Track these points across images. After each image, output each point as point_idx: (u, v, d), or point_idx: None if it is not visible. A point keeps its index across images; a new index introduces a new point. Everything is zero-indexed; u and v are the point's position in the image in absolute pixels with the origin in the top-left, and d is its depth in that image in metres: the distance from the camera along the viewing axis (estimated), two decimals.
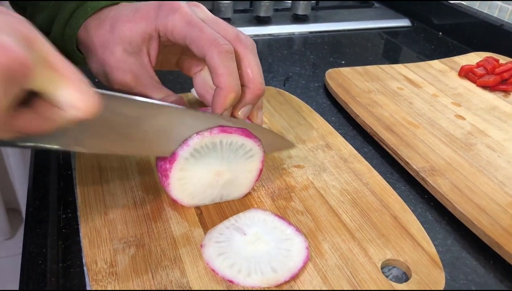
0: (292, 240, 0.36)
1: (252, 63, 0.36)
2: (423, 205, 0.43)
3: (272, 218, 0.37)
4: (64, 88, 0.26)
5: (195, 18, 0.35)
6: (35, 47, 0.25)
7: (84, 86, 0.26)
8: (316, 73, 0.69)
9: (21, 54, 0.23)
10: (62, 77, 0.26)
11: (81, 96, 0.26)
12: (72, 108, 0.26)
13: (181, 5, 0.35)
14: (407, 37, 0.87)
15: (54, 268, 0.33)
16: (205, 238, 0.35)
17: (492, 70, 0.64)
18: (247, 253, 0.34)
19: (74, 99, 0.26)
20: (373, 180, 0.43)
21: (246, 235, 0.36)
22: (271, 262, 0.33)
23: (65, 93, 0.26)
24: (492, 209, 0.40)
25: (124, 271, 0.32)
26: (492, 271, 0.36)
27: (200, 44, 0.34)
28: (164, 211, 0.38)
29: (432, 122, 0.54)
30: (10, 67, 0.22)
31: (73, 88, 0.26)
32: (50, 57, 0.25)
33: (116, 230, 0.36)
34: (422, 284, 0.33)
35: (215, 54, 0.33)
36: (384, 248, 0.36)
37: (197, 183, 0.37)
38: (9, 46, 0.22)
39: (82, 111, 0.26)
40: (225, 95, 0.34)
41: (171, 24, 0.35)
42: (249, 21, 0.86)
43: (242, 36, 0.36)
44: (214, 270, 0.33)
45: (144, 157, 0.44)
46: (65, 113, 0.27)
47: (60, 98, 0.26)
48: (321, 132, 0.51)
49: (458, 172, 0.45)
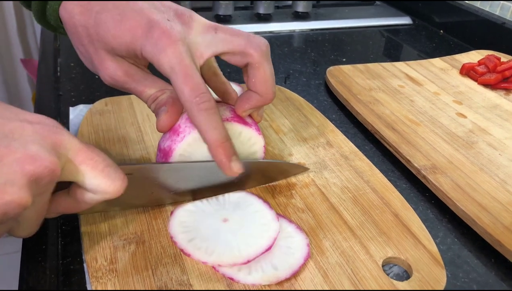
0: (292, 237, 0.35)
1: (268, 74, 0.35)
2: (424, 203, 0.43)
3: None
4: (92, 178, 0.30)
5: (181, 61, 0.32)
6: (62, 149, 0.28)
7: (111, 171, 0.30)
8: (317, 70, 0.68)
9: (48, 161, 0.27)
10: (91, 168, 0.30)
11: (109, 182, 0.30)
12: (102, 193, 0.30)
13: (170, 35, 0.32)
14: (408, 35, 0.86)
15: (53, 265, 0.33)
16: None
17: (494, 69, 0.64)
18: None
19: (103, 185, 0.30)
20: (374, 177, 0.43)
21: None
22: (272, 260, 0.33)
23: (95, 182, 0.30)
24: (493, 207, 0.40)
25: (124, 268, 0.32)
26: (494, 270, 0.36)
27: (181, 97, 0.33)
28: (164, 208, 0.38)
29: (434, 120, 0.54)
30: (39, 174, 0.26)
31: (102, 175, 0.30)
32: (78, 154, 0.29)
33: (116, 227, 0.36)
34: (424, 282, 0.33)
35: (195, 112, 0.32)
36: (385, 245, 0.36)
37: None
38: (37, 156, 0.26)
39: (111, 193, 0.31)
40: (217, 151, 0.33)
41: (156, 62, 0.33)
42: (250, 18, 0.85)
43: (255, 40, 0.35)
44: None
45: (145, 153, 0.44)
46: (97, 196, 0.31)
47: (91, 186, 0.30)
48: (322, 130, 0.50)
49: (460, 170, 0.45)
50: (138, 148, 0.45)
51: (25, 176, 0.26)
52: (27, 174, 0.26)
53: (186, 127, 0.35)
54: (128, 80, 0.36)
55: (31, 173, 0.26)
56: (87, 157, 0.29)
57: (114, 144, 0.45)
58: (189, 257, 0.33)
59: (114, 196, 0.31)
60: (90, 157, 0.30)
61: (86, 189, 0.30)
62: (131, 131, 0.47)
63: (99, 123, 0.48)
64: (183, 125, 0.35)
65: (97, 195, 0.31)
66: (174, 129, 0.35)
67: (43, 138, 0.28)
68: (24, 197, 0.25)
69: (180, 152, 0.36)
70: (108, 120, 0.49)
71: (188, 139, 0.35)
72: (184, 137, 0.35)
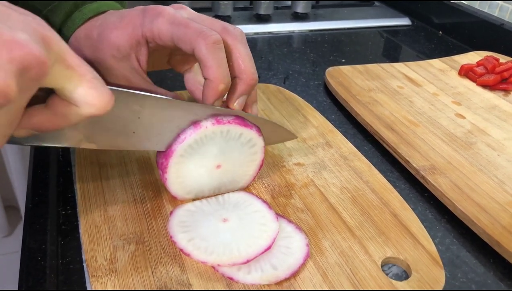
0: (292, 237, 0.36)
1: (243, 54, 0.36)
2: (423, 204, 0.43)
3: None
4: (79, 86, 0.27)
5: (179, 17, 0.35)
6: (52, 46, 0.25)
7: (98, 83, 0.27)
8: (316, 71, 0.69)
9: (38, 51, 0.23)
10: (78, 75, 0.26)
11: (96, 94, 0.27)
12: (88, 105, 0.27)
13: (164, 8, 0.35)
14: (407, 36, 0.87)
15: (53, 265, 0.33)
16: None
17: (492, 69, 0.64)
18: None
19: (90, 97, 0.27)
20: (373, 178, 0.43)
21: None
22: (271, 259, 0.33)
23: (81, 91, 0.27)
24: (492, 207, 0.40)
25: (124, 267, 0.32)
26: (492, 270, 0.36)
27: (187, 39, 0.34)
28: (164, 208, 0.38)
29: (432, 121, 0.54)
30: (27, 63, 0.23)
31: (89, 85, 0.27)
32: (67, 56, 0.26)
33: (115, 226, 0.36)
34: (422, 282, 0.33)
35: (203, 46, 0.33)
36: (384, 246, 0.36)
37: (196, 176, 0.37)
38: (26, 43, 0.23)
39: (97, 107, 0.28)
40: (214, 87, 0.34)
41: (156, 29, 0.35)
42: (249, 19, 0.85)
43: (230, 27, 0.36)
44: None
45: (144, 153, 0.44)
46: (81, 110, 0.28)
47: (76, 95, 0.27)
48: (321, 130, 0.50)
49: (458, 171, 0.45)
50: None
51: (12, 62, 0.22)
52: (14, 59, 0.22)
53: (187, 129, 0.36)
54: (131, 88, 0.36)
55: (19, 59, 0.22)
56: (76, 63, 0.27)
57: None
58: (189, 257, 0.33)
59: (100, 111, 0.28)
60: (78, 63, 0.27)
61: (70, 98, 0.27)
62: None
63: None
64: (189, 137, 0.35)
65: (81, 108, 0.28)
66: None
67: (33, 30, 0.24)
68: (11, 85, 0.22)
69: (181, 152, 0.36)
70: None
71: (188, 140, 0.35)
72: (185, 139, 0.35)
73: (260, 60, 0.71)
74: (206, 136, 0.35)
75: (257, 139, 0.38)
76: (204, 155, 0.36)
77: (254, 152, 0.39)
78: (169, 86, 0.59)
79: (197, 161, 0.36)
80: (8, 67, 0.22)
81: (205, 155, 0.36)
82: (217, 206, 0.38)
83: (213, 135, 0.36)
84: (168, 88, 0.39)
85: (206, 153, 0.36)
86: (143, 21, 0.35)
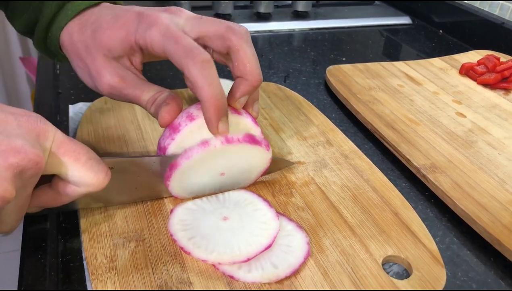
0: (292, 236, 0.35)
1: (249, 55, 0.35)
2: (424, 202, 0.43)
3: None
4: (75, 170, 0.30)
5: (172, 29, 0.34)
6: (48, 137, 0.29)
7: (94, 163, 0.31)
8: (316, 70, 0.68)
9: (32, 153, 0.27)
10: (73, 160, 0.30)
11: (92, 174, 0.30)
12: (85, 185, 0.31)
13: (159, 17, 0.35)
14: (407, 34, 0.87)
15: (53, 263, 0.33)
16: None
17: (493, 68, 0.64)
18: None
19: (86, 178, 0.30)
20: (374, 176, 0.43)
21: None
22: (271, 258, 0.33)
23: (77, 174, 0.30)
24: (492, 206, 0.40)
25: (124, 266, 0.32)
26: (493, 268, 0.36)
27: (177, 58, 0.33)
28: (164, 206, 0.38)
29: (433, 119, 0.54)
30: (23, 166, 0.26)
31: (85, 168, 0.30)
32: (62, 144, 0.30)
33: (116, 225, 0.36)
34: (424, 280, 0.33)
35: (191, 66, 0.32)
36: (385, 244, 0.36)
37: (199, 182, 0.37)
38: (21, 148, 0.26)
39: (94, 186, 0.31)
40: (209, 108, 0.33)
41: (149, 39, 0.34)
42: (250, 17, 0.85)
43: (235, 26, 0.36)
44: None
45: (145, 151, 0.44)
46: (80, 189, 0.31)
47: (74, 178, 0.30)
48: (322, 129, 0.50)
49: (459, 169, 0.45)
50: (138, 146, 0.45)
51: (9, 168, 0.26)
52: (11, 166, 0.26)
53: (195, 147, 0.35)
54: (125, 85, 0.37)
55: (15, 165, 0.26)
56: (70, 149, 0.30)
57: (113, 142, 0.45)
58: (189, 255, 0.33)
59: (97, 188, 0.31)
60: (72, 149, 0.30)
61: (69, 181, 0.31)
62: (131, 129, 0.47)
63: (99, 122, 0.48)
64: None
65: (80, 188, 0.31)
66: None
67: (27, 131, 0.28)
68: (8, 189, 0.25)
69: (186, 167, 0.35)
70: (107, 119, 0.49)
71: (195, 157, 0.35)
72: (192, 156, 0.35)
73: (260, 59, 0.70)
74: (213, 154, 0.35)
75: (265, 153, 0.38)
76: (209, 167, 0.36)
77: (260, 164, 0.39)
78: (169, 84, 0.59)
79: (201, 171, 0.37)
80: (5, 174, 0.25)
81: (210, 167, 0.37)
82: (217, 204, 0.38)
83: (221, 153, 0.36)
84: (168, 86, 0.39)
85: (211, 165, 0.36)
86: (137, 27, 0.35)
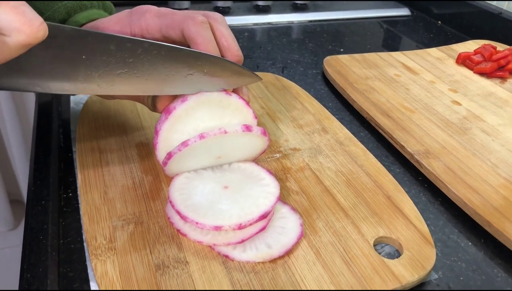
0: (287, 218, 0.36)
1: (225, 33, 0.38)
2: (417, 187, 0.44)
3: None
4: (4, 14, 0.26)
5: (165, 10, 0.37)
6: None
7: (26, 9, 0.26)
8: (314, 60, 0.69)
9: None
10: (2, 2, 0.26)
11: (23, 19, 0.26)
12: (16, 32, 0.26)
13: (149, 6, 0.38)
14: (406, 26, 0.87)
15: (55, 244, 0.34)
16: None
17: (489, 57, 0.64)
18: None
19: (17, 23, 0.26)
20: (368, 162, 0.44)
21: None
22: (266, 239, 0.34)
23: (6, 17, 0.26)
24: (484, 189, 0.41)
25: (123, 246, 0.33)
26: (483, 249, 0.37)
27: (176, 24, 0.36)
28: (163, 190, 0.39)
29: (428, 107, 0.55)
30: None
31: (14, 11, 0.26)
32: None
33: (115, 208, 0.37)
34: (413, 260, 0.34)
35: (191, 25, 0.35)
36: (377, 226, 0.37)
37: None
38: None
39: (27, 34, 0.27)
40: None
41: (144, 24, 0.37)
42: (249, 10, 0.86)
43: (210, 13, 0.39)
44: None
45: (144, 139, 0.45)
46: (11, 39, 0.27)
47: (2, 23, 0.26)
48: (318, 117, 0.51)
49: (453, 155, 0.46)
50: (138, 134, 0.46)
51: None
52: None
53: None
54: None
55: None
56: None
57: (113, 131, 0.46)
58: (185, 237, 0.34)
59: (31, 39, 0.27)
60: None
61: None
62: (131, 118, 0.48)
63: (99, 111, 0.49)
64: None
65: (11, 37, 0.27)
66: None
67: None
68: None
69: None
70: (107, 108, 0.50)
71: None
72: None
73: (259, 50, 0.72)
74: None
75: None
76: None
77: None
78: None
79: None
80: None
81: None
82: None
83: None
84: None
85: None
86: (130, 19, 0.38)
